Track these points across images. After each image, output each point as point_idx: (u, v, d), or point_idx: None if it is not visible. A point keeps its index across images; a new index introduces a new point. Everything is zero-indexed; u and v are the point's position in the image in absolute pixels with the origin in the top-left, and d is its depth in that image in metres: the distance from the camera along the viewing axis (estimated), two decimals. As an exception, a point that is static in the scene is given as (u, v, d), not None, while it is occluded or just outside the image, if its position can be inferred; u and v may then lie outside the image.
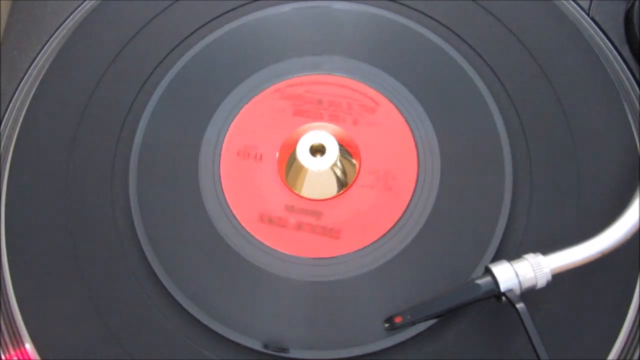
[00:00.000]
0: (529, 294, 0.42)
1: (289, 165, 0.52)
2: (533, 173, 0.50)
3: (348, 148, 0.52)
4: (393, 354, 0.45)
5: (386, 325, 0.44)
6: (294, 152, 0.51)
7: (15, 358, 0.46)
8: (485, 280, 0.42)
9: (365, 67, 0.54)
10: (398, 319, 0.43)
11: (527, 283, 0.42)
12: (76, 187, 0.51)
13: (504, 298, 0.42)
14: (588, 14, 0.58)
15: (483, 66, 0.54)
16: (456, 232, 0.48)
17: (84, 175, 0.51)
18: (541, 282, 0.42)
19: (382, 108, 0.52)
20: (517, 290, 0.42)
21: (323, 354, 0.44)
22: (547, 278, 0.42)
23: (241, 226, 0.49)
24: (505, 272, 0.42)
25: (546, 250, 0.43)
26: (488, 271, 0.43)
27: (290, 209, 0.49)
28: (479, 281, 0.42)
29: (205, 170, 0.51)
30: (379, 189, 0.49)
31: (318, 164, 0.50)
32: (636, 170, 0.50)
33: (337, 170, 0.51)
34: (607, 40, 0.57)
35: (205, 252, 0.48)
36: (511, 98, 0.53)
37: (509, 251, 0.47)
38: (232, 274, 0.47)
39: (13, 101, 0.56)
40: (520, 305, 0.41)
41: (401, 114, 0.52)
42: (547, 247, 0.43)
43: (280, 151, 0.52)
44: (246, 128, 0.53)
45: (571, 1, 0.59)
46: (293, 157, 0.51)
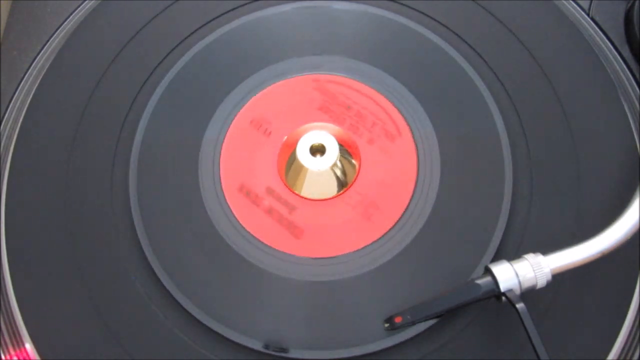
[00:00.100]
0: (529, 294, 0.42)
1: (289, 165, 0.52)
2: (533, 173, 0.50)
3: (348, 148, 0.52)
4: (393, 354, 0.45)
5: (386, 325, 0.44)
6: (294, 152, 0.51)
7: (15, 358, 0.46)
8: (485, 280, 0.42)
9: (365, 67, 0.54)
10: (398, 319, 0.43)
11: (527, 283, 0.42)
12: (76, 187, 0.51)
13: (504, 298, 0.42)
14: (588, 14, 0.58)
15: (483, 66, 0.54)
16: (456, 232, 0.48)
17: (84, 175, 0.51)
18: (541, 282, 0.42)
19: (402, 140, 0.51)
20: (517, 290, 0.42)
21: (323, 354, 0.44)
22: (547, 278, 0.42)
23: (223, 196, 0.49)
24: (505, 272, 0.42)
25: (546, 250, 0.43)
26: (488, 271, 0.43)
27: (270, 192, 0.50)
28: (479, 281, 0.42)
29: (205, 170, 0.51)
30: (358, 213, 0.49)
31: (318, 164, 0.51)
32: (636, 170, 0.50)
33: (337, 170, 0.51)
34: (607, 40, 0.57)
35: (205, 252, 0.48)
36: (511, 98, 0.53)
37: (509, 251, 0.47)
38: (233, 274, 0.47)
39: (13, 101, 0.56)
40: (520, 305, 0.41)
41: (416, 152, 0.51)
42: (547, 247, 0.43)
43: (288, 138, 0.52)
44: (271, 101, 0.53)
45: (571, 1, 0.59)
46: (293, 157, 0.51)
